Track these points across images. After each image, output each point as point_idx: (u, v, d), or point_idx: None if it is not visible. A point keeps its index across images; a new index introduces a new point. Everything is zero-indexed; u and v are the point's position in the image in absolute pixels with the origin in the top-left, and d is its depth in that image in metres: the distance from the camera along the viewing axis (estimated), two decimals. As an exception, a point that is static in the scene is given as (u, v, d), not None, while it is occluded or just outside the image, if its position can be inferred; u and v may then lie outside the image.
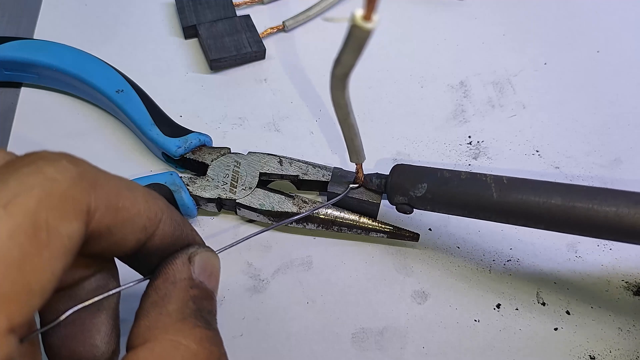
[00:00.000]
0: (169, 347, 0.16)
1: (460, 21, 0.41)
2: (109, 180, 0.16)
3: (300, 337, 0.27)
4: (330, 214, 0.29)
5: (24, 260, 0.13)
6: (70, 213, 0.14)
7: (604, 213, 0.23)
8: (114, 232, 0.17)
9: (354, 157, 0.27)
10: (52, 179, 0.14)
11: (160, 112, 0.33)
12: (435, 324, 0.28)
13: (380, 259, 0.30)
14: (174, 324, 0.17)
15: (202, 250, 0.20)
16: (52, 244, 0.14)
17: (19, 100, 0.35)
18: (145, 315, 0.17)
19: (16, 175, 0.14)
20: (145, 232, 0.18)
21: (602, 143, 0.35)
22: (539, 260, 0.30)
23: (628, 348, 0.28)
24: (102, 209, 0.16)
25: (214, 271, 0.20)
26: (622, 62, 0.40)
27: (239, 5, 0.40)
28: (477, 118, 0.36)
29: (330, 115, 0.36)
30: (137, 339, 0.17)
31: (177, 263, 0.19)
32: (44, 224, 0.14)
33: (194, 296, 0.18)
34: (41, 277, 0.14)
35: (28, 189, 0.14)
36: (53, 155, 0.15)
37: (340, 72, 0.19)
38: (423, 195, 0.27)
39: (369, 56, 0.39)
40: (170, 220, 0.19)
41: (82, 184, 0.15)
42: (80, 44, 0.35)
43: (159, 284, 0.18)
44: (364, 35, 0.17)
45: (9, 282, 0.13)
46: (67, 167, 0.15)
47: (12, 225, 0.13)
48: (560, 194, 0.24)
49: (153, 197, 0.18)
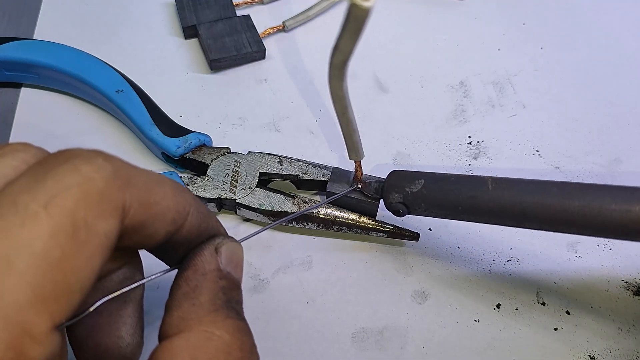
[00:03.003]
0: (204, 337, 0.17)
1: (460, 21, 0.41)
2: (141, 175, 0.16)
3: (300, 336, 0.27)
4: (330, 214, 0.29)
5: (64, 259, 0.13)
6: (107, 211, 0.15)
7: (598, 210, 0.23)
8: (146, 227, 0.17)
9: (353, 154, 0.27)
10: (89, 178, 0.14)
11: (160, 112, 0.33)
12: (435, 324, 0.28)
13: (380, 259, 0.30)
14: (206, 315, 0.17)
15: (228, 241, 0.20)
16: (91, 243, 0.14)
17: (19, 100, 0.35)
18: (177, 306, 0.18)
19: (53, 175, 0.14)
20: (174, 225, 0.18)
21: (602, 143, 0.35)
22: (539, 260, 0.30)
23: (628, 348, 0.28)
24: (136, 205, 0.16)
25: (239, 261, 0.20)
26: (622, 62, 0.40)
27: (239, 5, 0.40)
28: (477, 118, 0.36)
29: (330, 115, 0.36)
30: (171, 329, 0.17)
31: (205, 254, 0.19)
32: (82, 223, 0.14)
33: (223, 287, 0.18)
34: (81, 275, 0.14)
35: (66, 188, 0.14)
36: (88, 153, 0.15)
37: (339, 60, 0.19)
38: (419, 191, 0.26)
39: (369, 56, 0.39)
40: (197, 212, 0.19)
41: (117, 182, 0.15)
42: (80, 44, 0.35)
43: (189, 275, 0.18)
44: (363, 14, 0.17)
45: (51, 281, 0.13)
46: (103, 165, 0.15)
47: (53, 226, 0.13)
48: (555, 191, 0.24)
49: (181, 190, 0.18)
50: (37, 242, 0.13)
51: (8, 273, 0.13)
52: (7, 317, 0.12)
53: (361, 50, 0.23)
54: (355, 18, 0.17)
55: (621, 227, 0.22)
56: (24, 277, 0.13)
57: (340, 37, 0.18)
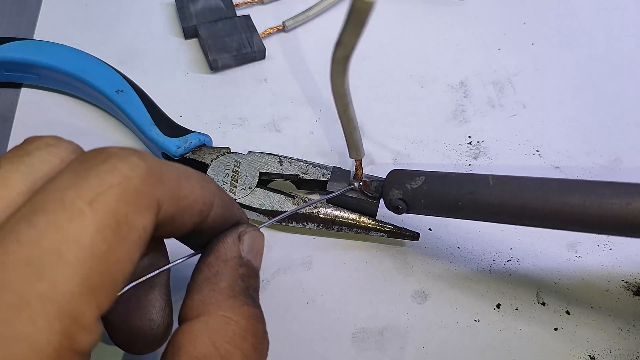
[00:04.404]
0: (222, 322, 0.18)
1: (460, 21, 0.41)
2: (172, 171, 0.17)
3: (300, 336, 0.27)
4: (330, 214, 0.29)
5: (109, 253, 0.14)
6: (144, 207, 0.15)
7: (598, 204, 0.23)
8: (176, 219, 0.18)
9: (354, 153, 0.27)
10: (127, 177, 0.15)
11: (160, 112, 0.33)
12: (435, 324, 0.28)
13: (380, 259, 0.30)
14: (225, 300, 0.18)
15: (251, 230, 0.21)
16: (131, 237, 0.15)
17: (19, 101, 0.35)
18: (198, 290, 0.19)
19: (95, 173, 0.15)
20: (201, 216, 0.19)
21: (602, 143, 0.35)
22: (539, 260, 0.30)
23: (628, 348, 0.28)
24: (168, 200, 0.17)
25: (260, 250, 0.21)
26: (622, 62, 0.40)
27: (239, 5, 0.40)
28: (477, 118, 0.36)
29: (330, 115, 0.36)
30: (190, 312, 0.18)
31: (228, 241, 0.20)
32: (124, 219, 0.15)
33: (243, 274, 0.19)
34: (122, 267, 0.15)
35: (109, 187, 0.15)
36: (123, 151, 0.16)
37: (341, 55, 0.19)
38: (419, 187, 0.26)
39: (369, 56, 0.39)
40: (222, 202, 0.20)
41: (152, 179, 0.16)
42: (80, 44, 0.35)
43: (212, 261, 0.19)
44: (366, 9, 0.17)
45: (98, 273, 0.14)
46: (138, 163, 0.16)
47: (98, 222, 0.14)
48: (555, 186, 0.24)
49: (206, 182, 0.19)
50: (85, 237, 0.14)
51: (60, 265, 0.13)
52: (61, 307, 0.13)
53: (361, 50, 0.23)
54: (359, 12, 0.17)
55: (622, 222, 0.22)
56: (75, 269, 0.14)
57: (343, 31, 0.18)
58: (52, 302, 0.13)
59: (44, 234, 0.13)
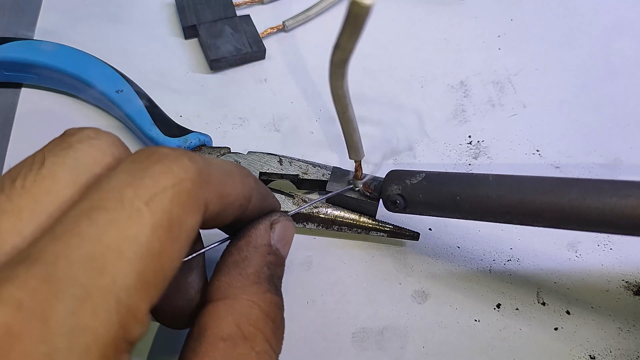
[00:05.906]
0: (246, 306, 0.19)
1: (460, 21, 0.41)
2: (217, 171, 0.18)
3: (300, 336, 0.27)
4: (330, 214, 0.29)
5: (162, 251, 0.15)
6: (194, 208, 0.16)
7: (598, 198, 0.22)
8: (219, 215, 0.19)
9: (353, 154, 0.27)
10: (180, 179, 0.16)
11: (160, 112, 0.33)
12: (435, 324, 0.28)
13: (380, 259, 0.30)
14: (250, 285, 0.20)
15: (283, 219, 0.22)
16: (181, 237, 0.16)
17: (19, 101, 0.35)
18: (226, 272, 0.20)
19: (151, 174, 0.15)
20: (241, 209, 0.20)
21: (602, 143, 0.35)
22: (539, 260, 0.30)
23: (628, 348, 0.28)
24: (214, 200, 0.18)
25: (289, 240, 0.23)
26: (622, 62, 0.40)
27: (239, 5, 0.40)
28: (477, 118, 0.36)
29: (330, 115, 0.36)
30: (217, 293, 0.19)
31: (260, 229, 0.21)
32: (176, 219, 0.15)
33: (270, 262, 0.21)
34: (172, 264, 0.16)
35: (163, 188, 0.15)
36: (174, 153, 0.17)
37: (339, 58, 0.19)
38: (419, 182, 0.26)
39: (369, 56, 0.39)
40: (259, 194, 0.21)
41: (201, 181, 0.17)
42: (80, 44, 0.35)
43: (242, 246, 0.21)
44: (364, 12, 0.17)
45: (152, 270, 0.15)
46: (189, 165, 0.16)
47: (154, 221, 0.15)
48: (555, 182, 0.24)
49: (246, 176, 0.20)
50: (142, 235, 0.14)
51: (120, 261, 0.14)
52: (120, 301, 0.14)
53: (361, 50, 0.23)
54: (356, 16, 0.17)
55: (621, 217, 0.22)
56: (133, 265, 0.14)
57: (340, 35, 0.18)
58: (113, 296, 0.14)
59: (105, 231, 0.14)
